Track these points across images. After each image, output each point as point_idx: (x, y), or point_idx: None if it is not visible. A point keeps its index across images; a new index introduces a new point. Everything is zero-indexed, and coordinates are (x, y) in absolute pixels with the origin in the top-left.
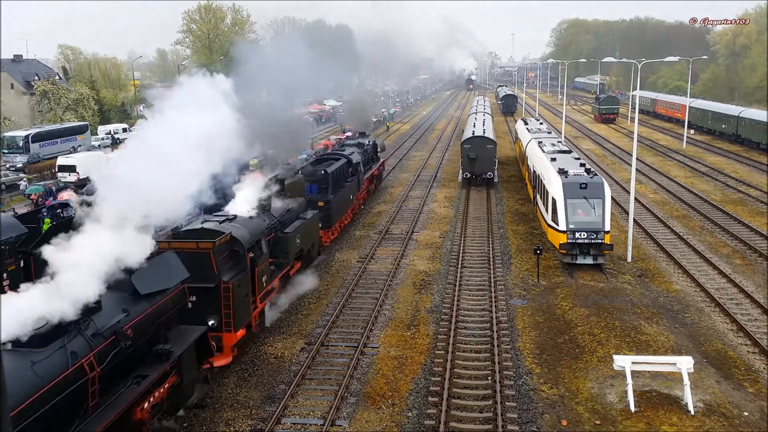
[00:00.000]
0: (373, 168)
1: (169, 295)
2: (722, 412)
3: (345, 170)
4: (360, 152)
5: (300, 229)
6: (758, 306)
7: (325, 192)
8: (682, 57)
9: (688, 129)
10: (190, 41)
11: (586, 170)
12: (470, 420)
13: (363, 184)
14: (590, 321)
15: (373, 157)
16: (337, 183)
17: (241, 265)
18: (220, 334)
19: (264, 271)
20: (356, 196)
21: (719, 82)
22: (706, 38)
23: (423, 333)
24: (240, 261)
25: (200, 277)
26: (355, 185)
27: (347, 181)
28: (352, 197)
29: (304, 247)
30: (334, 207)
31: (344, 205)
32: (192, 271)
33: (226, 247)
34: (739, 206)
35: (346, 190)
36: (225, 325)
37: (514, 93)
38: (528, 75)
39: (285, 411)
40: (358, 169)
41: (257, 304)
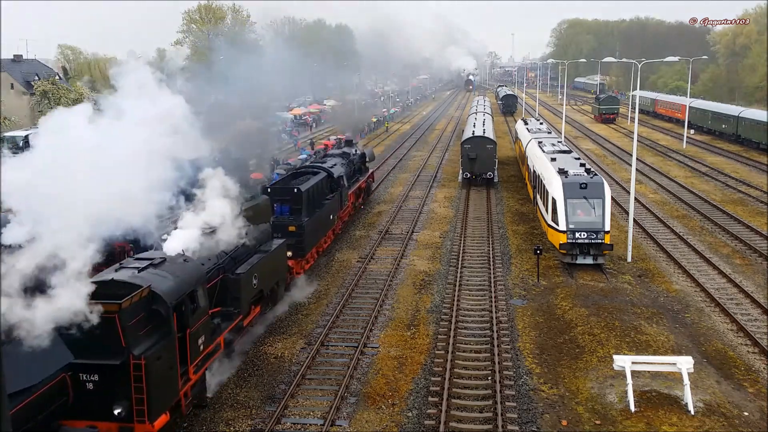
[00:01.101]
0: (360, 180)
1: (38, 393)
2: (722, 412)
3: (324, 186)
4: (344, 164)
5: (259, 267)
6: (758, 306)
7: (298, 214)
8: (682, 57)
9: (688, 129)
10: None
11: (586, 170)
12: (470, 420)
13: (347, 200)
14: (590, 321)
15: (360, 168)
16: (314, 202)
17: (163, 330)
18: (131, 425)
19: (201, 330)
20: (338, 215)
21: (719, 82)
22: (706, 38)
23: (423, 333)
24: (162, 324)
25: (101, 351)
26: (336, 203)
27: (327, 199)
28: (332, 217)
29: (264, 287)
30: (308, 232)
31: (322, 227)
32: (91, 341)
33: (142, 307)
34: (739, 206)
35: (324, 210)
36: (137, 414)
37: (514, 93)
38: (528, 75)
39: (285, 411)
40: (340, 184)
41: (190, 376)
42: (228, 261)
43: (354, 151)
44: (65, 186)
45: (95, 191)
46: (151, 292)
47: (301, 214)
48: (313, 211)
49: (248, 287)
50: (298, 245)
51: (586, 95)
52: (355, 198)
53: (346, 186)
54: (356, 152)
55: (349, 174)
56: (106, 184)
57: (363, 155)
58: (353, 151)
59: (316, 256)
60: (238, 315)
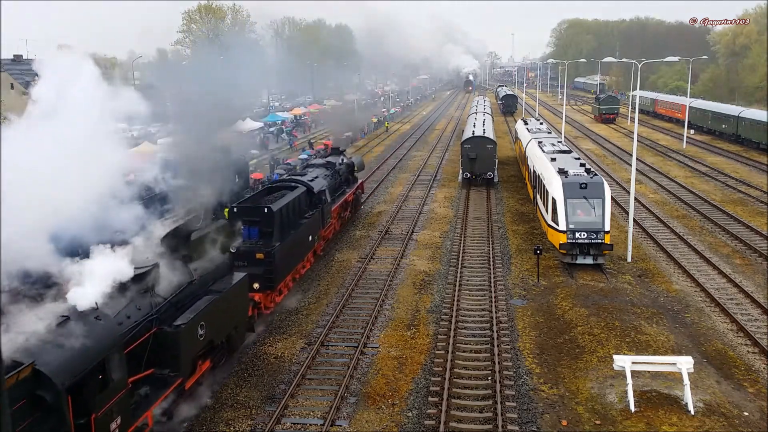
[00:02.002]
0: (346, 193)
1: None
2: (722, 412)
3: (302, 203)
4: (327, 175)
5: (207, 313)
6: (758, 306)
7: (269, 238)
8: (682, 57)
9: (688, 129)
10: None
11: (586, 170)
12: (470, 420)
13: (329, 217)
14: (590, 321)
15: (348, 178)
16: (289, 223)
17: (53, 421)
18: None
19: (115, 412)
20: (319, 234)
21: (719, 82)
22: (706, 38)
23: (423, 333)
24: (51, 412)
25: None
26: (316, 221)
27: (305, 218)
28: (312, 238)
29: (215, 336)
30: (280, 259)
31: (298, 250)
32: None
33: (23, 391)
34: (739, 206)
35: (302, 231)
36: None
37: (514, 93)
38: (528, 75)
39: (285, 411)
40: (322, 199)
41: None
42: (167, 308)
43: (340, 161)
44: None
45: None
46: (35, 370)
47: (272, 238)
48: (287, 234)
49: (190, 341)
50: (267, 275)
51: (586, 95)
52: (341, 213)
53: (328, 201)
54: (343, 161)
55: (334, 186)
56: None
57: (351, 164)
58: (339, 160)
59: (291, 284)
60: (176, 378)
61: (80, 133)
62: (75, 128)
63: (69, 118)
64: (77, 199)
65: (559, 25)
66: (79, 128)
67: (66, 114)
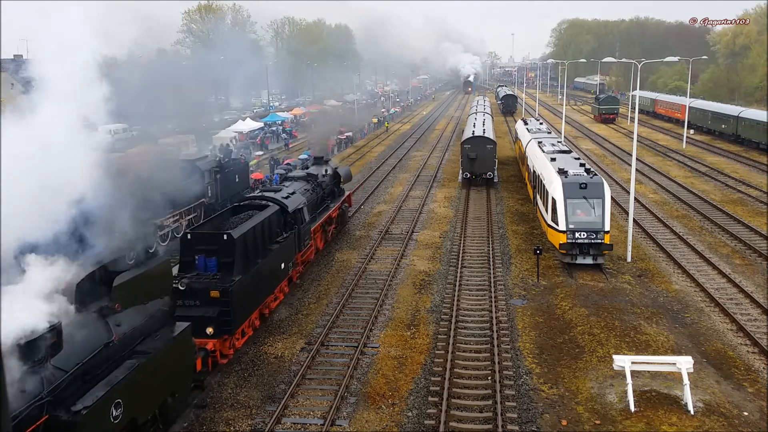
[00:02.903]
0: (330, 209)
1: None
2: (722, 412)
3: (274, 225)
4: (307, 190)
5: (127, 386)
6: (758, 306)
7: (229, 270)
8: (682, 57)
9: (688, 129)
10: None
11: (586, 170)
12: (470, 420)
13: (309, 238)
14: (590, 321)
15: (333, 191)
16: (255, 251)
17: None
18: None
19: None
20: (294, 260)
21: (719, 83)
22: (706, 38)
23: (423, 333)
24: None
25: None
26: (291, 245)
27: (277, 242)
28: (285, 265)
29: (140, 414)
30: (241, 296)
31: (267, 282)
32: None
33: None
34: (739, 206)
35: (272, 258)
36: None
37: (514, 93)
38: (528, 75)
39: (285, 411)
40: (299, 218)
41: None
42: (68, 384)
43: (324, 172)
44: None
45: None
46: None
47: (232, 271)
48: (252, 264)
49: (98, 429)
50: (224, 318)
51: (586, 95)
52: (323, 231)
53: (306, 220)
54: (327, 172)
55: (315, 202)
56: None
57: (336, 176)
58: (323, 171)
59: (257, 323)
60: None
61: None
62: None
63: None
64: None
65: (559, 25)
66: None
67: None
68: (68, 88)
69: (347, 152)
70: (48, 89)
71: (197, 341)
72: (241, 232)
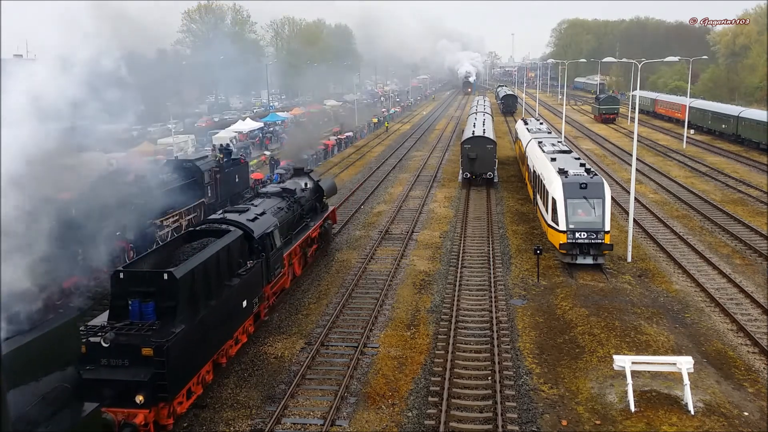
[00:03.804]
0: (309, 228)
1: None
2: (722, 412)
3: (234, 255)
4: (281, 209)
5: None
6: (758, 306)
7: (170, 317)
8: (682, 57)
9: (688, 129)
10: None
11: (586, 170)
12: (470, 420)
13: (280, 266)
14: (590, 321)
15: (315, 207)
16: (206, 290)
17: None
18: None
19: None
20: (262, 293)
21: (719, 82)
22: (706, 38)
23: (423, 333)
24: None
25: None
26: (257, 277)
27: (238, 275)
28: (249, 302)
29: None
30: (181, 353)
31: (224, 327)
32: None
33: None
34: (739, 206)
35: (231, 296)
36: None
37: (514, 93)
38: (528, 75)
39: (285, 411)
40: (268, 244)
41: None
42: None
43: (303, 186)
44: None
45: None
46: None
47: (174, 318)
48: (203, 307)
49: None
50: (159, 381)
51: (586, 95)
52: (302, 255)
53: (278, 245)
54: (307, 186)
55: (291, 222)
56: None
57: (318, 189)
58: (302, 185)
59: (209, 378)
60: None
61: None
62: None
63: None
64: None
65: (559, 25)
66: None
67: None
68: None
69: (347, 152)
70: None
71: (124, 412)
72: (187, 270)
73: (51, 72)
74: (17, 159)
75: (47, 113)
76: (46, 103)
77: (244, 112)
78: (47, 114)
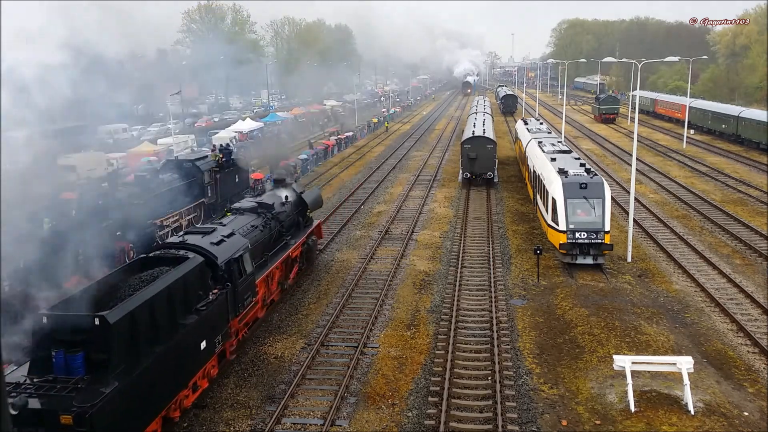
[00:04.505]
0: (290, 246)
1: None
2: (722, 412)
3: (191, 287)
4: (254, 227)
5: None
6: (758, 306)
7: (102, 371)
8: (682, 57)
9: (688, 129)
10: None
11: (586, 170)
12: (470, 420)
13: (251, 295)
14: (590, 321)
15: (297, 222)
16: (149, 334)
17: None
18: None
19: None
20: (227, 330)
21: (719, 82)
22: (706, 38)
23: (423, 333)
24: None
25: None
26: (220, 311)
27: (198, 310)
28: (210, 342)
29: None
30: (113, 417)
31: (175, 375)
32: None
33: None
34: (739, 206)
35: (185, 338)
36: None
37: (514, 93)
38: (528, 75)
39: (285, 411)
40: (235, 271)
41: None
42: None
43: (284, 199)
44: None
45: None
46: None
47: (107, 372)
48: (145, 355)
49: None
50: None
51: (586, 95)
52: (283, 273)
53: (248, 271)
54: (287, 200)
55: (266, 242)
56: None
57: (300, 203)
58: (282, 198)
59: (160, 430)
60: None
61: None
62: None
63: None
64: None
65: (559, 25)
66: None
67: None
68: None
69: (347, 152)
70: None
71: None
72: (125, 312)
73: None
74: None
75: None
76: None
77: (244, 112)
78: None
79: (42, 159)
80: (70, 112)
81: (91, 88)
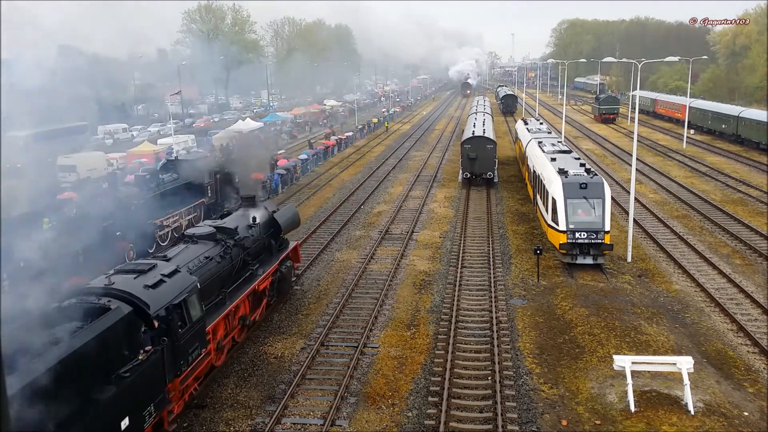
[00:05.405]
0: (257, 277)
1: None
2: (722, 412)
3: (112, 349)
4: (209, 259)
5: None
6: (758, 306)
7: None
8: (682, 57)
9: (688, 129)
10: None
11: (586, 170)
12: (470, 420)
13: (197, 349)
14: (590, 321)
15: (269, 245)
16: (46, 416)
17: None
18: None
19: None
20: (164, 395)
21: (719, 82)
22: (706, 38)
23: (423, 333)
24: None
25: None
26: (152, 372)
27: (118, 379)
28: (136, 417)
29: None
30: None
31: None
32: None
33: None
34: (739, 206)
35: (97, 419)
36: None
37: (514, 93)
38: (528, 75)
39: (285, 411)
40: (175, 321)
41: None
42: None
43: (251, 221)
44: None
45: None
46: None
47: None
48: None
49: None
50: None
51: (586, 95)
52: (251, 310)
53: (196, 317)
54: (255, 222)
55: (224, 277)
56: None
57: (272, 224)
58: (249, 220)
59: None
60: None
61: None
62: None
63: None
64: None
65: (559, 25)
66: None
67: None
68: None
69: (347, 152)
70: None
71: None
72: (10, 394)
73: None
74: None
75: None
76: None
77: (244, 112)
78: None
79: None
80: (69, 113)
81: (91, 89)
